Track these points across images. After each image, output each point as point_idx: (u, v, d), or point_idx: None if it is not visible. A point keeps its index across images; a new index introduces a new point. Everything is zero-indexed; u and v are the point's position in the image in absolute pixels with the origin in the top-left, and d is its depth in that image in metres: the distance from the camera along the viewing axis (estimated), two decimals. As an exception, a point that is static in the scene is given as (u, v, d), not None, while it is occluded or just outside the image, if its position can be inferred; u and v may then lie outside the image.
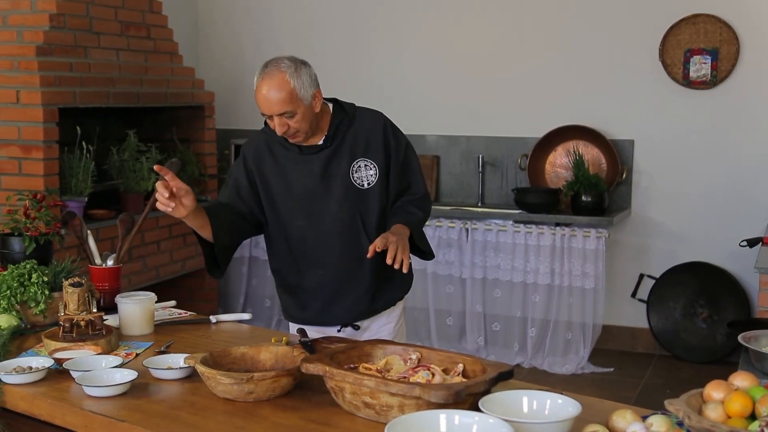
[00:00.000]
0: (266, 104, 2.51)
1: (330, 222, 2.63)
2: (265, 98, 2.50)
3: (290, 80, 2.49)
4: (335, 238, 2.64)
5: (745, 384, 1.77)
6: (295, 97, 2.49)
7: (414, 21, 5.70)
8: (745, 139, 5.14)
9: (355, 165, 2.65)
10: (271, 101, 2.49)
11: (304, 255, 2.67)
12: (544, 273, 5.13)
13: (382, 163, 2.67)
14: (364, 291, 2.70)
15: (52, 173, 4.32)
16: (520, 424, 1.68)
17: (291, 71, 2.51)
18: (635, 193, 5.39)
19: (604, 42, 5.35)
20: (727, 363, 4.99)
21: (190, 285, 5.61)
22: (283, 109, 2.49)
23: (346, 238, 2.65)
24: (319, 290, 2.68)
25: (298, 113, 2.51)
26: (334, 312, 2.70)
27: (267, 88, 2.49)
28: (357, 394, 1.88)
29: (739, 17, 5.08)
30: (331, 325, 2.71)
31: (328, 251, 2.65)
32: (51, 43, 4.43)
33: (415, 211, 2.71)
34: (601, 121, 5.37)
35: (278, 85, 2.48)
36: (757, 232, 4.85)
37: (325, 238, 2.64)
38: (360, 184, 2.64)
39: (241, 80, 6.20)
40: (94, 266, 2.82)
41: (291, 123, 2.53)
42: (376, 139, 2.68)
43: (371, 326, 2.77)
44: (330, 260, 2.66)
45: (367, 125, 2.69)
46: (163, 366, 2.19)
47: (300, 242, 2.66)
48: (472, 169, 5.63)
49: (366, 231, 2.65)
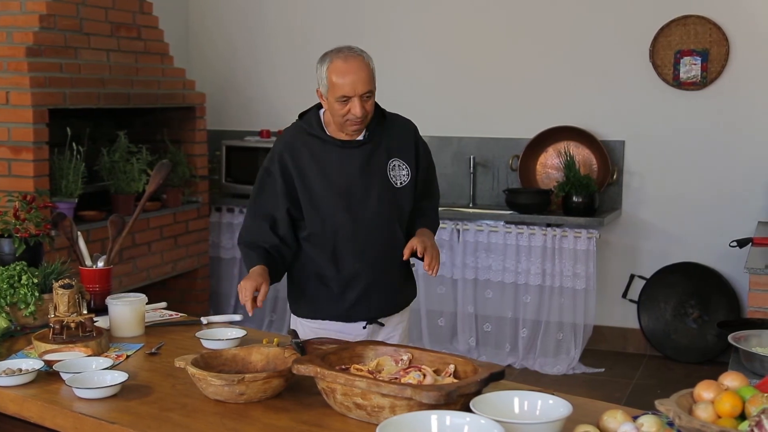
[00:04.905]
0: (353, 84, 2.55)
1: (369, 216, 2.68)
2: (354, 77, 2.55)
3: (368, 62, 2.60)
4: (373, 231, 2.69)
5: (735, 384, 1.78)
6: (374, 78, 2.60)
7: (406, 22, 5.71)
8: (735, 139, 5.16)
9: (391, 163, 2.72)
10: (358, 80, 2.55)
11: (344, 246, 2.68)
12: (536, 274, 5.14)
13: (413, 166, 2.76)
14: (393, 287, 2.78)
15: (42, 174, 4.30)
16: (512, 424, 1.68)
17: (366, 55, 2.61)
18: (626, 194, 5.40)
19: (595, 43, 5.37)
20: (717, 363, 5.01)
21: (182, 286, 5.60)
22: (367, 88, 2.56)
23: (382, 233, 2.71)
24: (355, 282, 2.71)
25: (373, 96, 2.61)
26: (366, 305, 2.74)
27: (355, 67, 2.55)
28: (348, 395, 1.88)
29: (729, 19, 5.10)
30: (360, 320, 2.75)
31: (366, 244, 2.69)
32: (41, 44, 4.41)
33: (435, 218, 2.88)
34: (592, 122, 5.39)
35: (363, 66, 2.57)
36: (747, 233, 4.87)
37: (365, 232, 2.68)
38: (395, 182, 2.72)
39: (233, 81, 6.20)
40: (84, 268, 2.81)
41: (366, 106, 2.59)
42: (408, 143, 2.78)
43: (388, 325, 2.82)
44: (368, 253, 2.70)
45: (399, 128, 2.78)
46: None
47: (340, 234, 2.67)
48: (464, 170, 5.63)
49: (399, 228, 2.74)
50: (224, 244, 5.84)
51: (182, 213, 5.40)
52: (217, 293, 5.94)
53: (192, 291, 5.63)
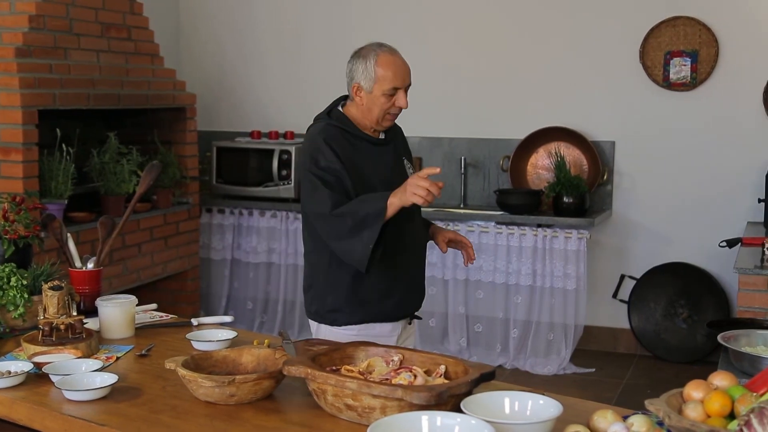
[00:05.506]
0: (403, 75, 2.65)
1: (405, 211, 2.68)
2: (402, 69, 2.65)
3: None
4: (409, 226, 2.75)
5: (724, 383, 1.79)
6: None
7: (396, 23, 5.71)
8: (724, 140, 5.18)
9: (405, 162, 2.83)
10: (405, 72, 2.66)
11: (392, 241, 2.67)
12: (526, 274, 5.15)
13: (412, 164, 2.87)
14: (423, 282, 2.86)
15: (31, 176, 4.28)
16: (502, 425, 1.69)
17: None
18: (616, 194, 5.42)
19: (586, 44, 5.38)
20: (707, 363, 5.03)
21: (172, 288, 5.58)
22: (410, 80, 2.68)
23: (414, 227, 2.79)
24: (403, 275, 2.74)
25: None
26: (411, 299, 2.80)
27: (401, 60, 2.66)
28: (339, 396, 1.88)
29: (718, 20, 5.13)
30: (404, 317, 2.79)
31: (406, 239, 2.73)
32: (30, 44, 4.39)
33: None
34: (582, 123, 5.40)
35: (404, 59, 2.68)
36: (736, 233, 4.89)
37: (404, 226, 2.71)
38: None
39: (223, 82, 6.19)
40: (74, 269, 2.79)
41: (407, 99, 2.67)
42: (405, 142, 2.91)
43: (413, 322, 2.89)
44: (409, 247, 2.76)
45: (397, 128, 2.87)
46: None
47: (390, 227, 2.64)
48: (455, 170, 5.64)
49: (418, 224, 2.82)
50: (215, 246, 5.83)
51: (173, 214, 5.38)
52: (208, 294, 5.93)
53: (182, 292, 5.62)
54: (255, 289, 5.81)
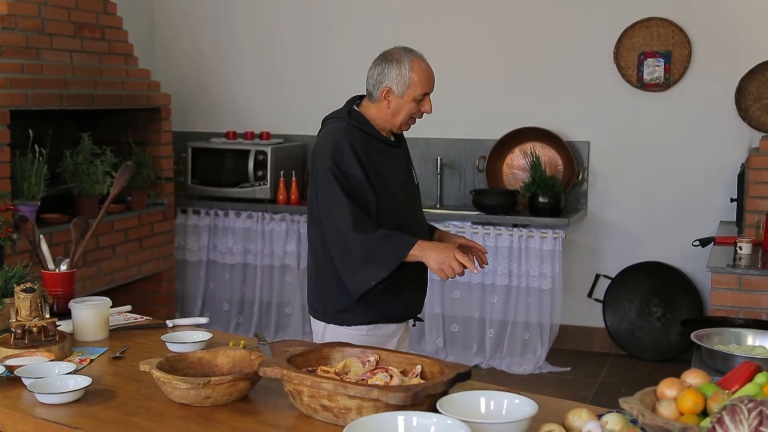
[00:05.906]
0: (432, 80, 2.69)
1: (420, 212, 2.81)
2: (432, 75, 2.68)
3: None
4: (422, 227, 2.82)
5: (697, 381, 1.80)
6: None
7: (372, 25, 5.71)
8: (697, 140, 5.23)
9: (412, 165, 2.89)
10: (433, 79, 2.70)
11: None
12: (502, 274, 5.17)
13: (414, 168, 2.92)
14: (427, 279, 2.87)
15: (3, 177, 4.24)
16: (478, 424, 1.69)
17: None
18: (591, 194, 5.46)
19: (560, 45, 5.41)
20: (681, 361, 5.08)
21: (147, 289, 5.54)
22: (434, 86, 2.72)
23: (422, 229, 2.83)
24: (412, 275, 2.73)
25: None
26: (417, 300, 2.84)
27: (430, 66, 2.69)
28: (315, 397, 1.87)
29: (691, 21, 5.18)
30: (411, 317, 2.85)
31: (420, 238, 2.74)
32: (1, 44, 4.34)
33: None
34: (557, 123, 5.43)
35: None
36: (709, 232, 4.94)
37: (418, 227, 2.77)
38: (417, 182, 2.91)
39: (198, 82, 6.15)
40: (46, 271, 2.77)
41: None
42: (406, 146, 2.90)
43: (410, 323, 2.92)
44: None
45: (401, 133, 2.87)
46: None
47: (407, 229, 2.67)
48: (431, 171, 5.65)
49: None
50: (190, 247, 5.79)
51: (147, 215, 5.35)
52: (183, 296, 5.89)
53: (157, 294, 5.58)
54: (231, 291, 5.79)
